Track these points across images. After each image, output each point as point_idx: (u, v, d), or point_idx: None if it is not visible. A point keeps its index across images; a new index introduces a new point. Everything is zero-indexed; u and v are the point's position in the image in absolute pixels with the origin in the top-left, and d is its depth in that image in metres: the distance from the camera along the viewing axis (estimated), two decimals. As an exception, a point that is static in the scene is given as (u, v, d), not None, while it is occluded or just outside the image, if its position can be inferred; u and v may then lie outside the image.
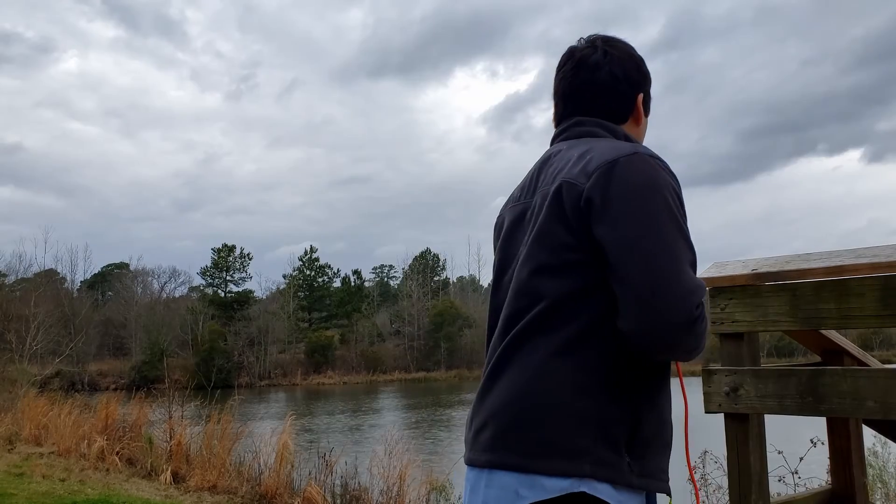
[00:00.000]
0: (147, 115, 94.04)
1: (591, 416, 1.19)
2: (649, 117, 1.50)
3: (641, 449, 1.22)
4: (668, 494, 1.30)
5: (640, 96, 1.45)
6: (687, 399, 1.37)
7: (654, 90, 1.51)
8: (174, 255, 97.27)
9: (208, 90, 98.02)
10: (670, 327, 1.15)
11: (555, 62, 1.51)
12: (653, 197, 1.22)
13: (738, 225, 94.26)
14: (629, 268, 1.18)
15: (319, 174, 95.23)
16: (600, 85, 1.41)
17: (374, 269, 77.17)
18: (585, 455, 1.17)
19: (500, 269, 1.40)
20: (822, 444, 3.18)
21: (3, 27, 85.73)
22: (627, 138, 1.40)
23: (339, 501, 7.23)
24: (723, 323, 1.92)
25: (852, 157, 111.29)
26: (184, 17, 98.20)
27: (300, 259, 64.52)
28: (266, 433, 8.90)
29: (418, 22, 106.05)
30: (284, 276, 63.79)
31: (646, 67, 1.47)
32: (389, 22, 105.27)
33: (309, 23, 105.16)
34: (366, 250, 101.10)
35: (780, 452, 4.05)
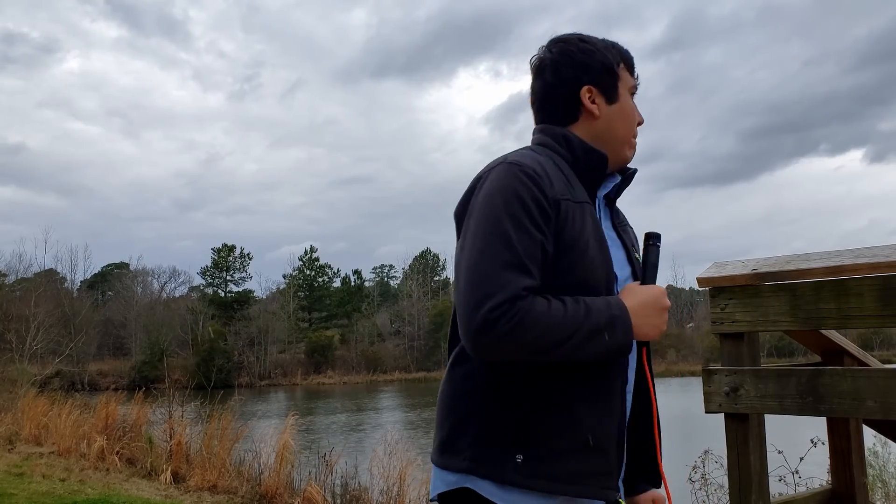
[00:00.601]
0: (149, 114, 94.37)
1: (475, 417, 1.26)
2: (620, 101, 1.39)
3: (542, 449, 1.23)
4: (598, 498, 1.27)
5: (584, 90, 1.38)
6: (655, 401, 1.38)
7: (657, 91, 1.54)
8: (175, 255, 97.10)
9: (211, 90, 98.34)
10: (468, 330, 1.18)
11: None
12: (485, 206, 1.24)
13: (739, 225, 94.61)
14: (455, 277, 1.26)
15: (321, 174, 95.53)
16: (540, 93, 1.43)
17: (375, 268, 77.19)
18: (465, 452, 1.26)
19: None
20: (823, 444, 3.18)
21: (7, 27, 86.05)
22: (566, 138, 1.36)
23: (339, 501, 7.23)
24: (723, 323, 1.93)
25: (854, 157, 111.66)
26: (187, 17, 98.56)
27: (300, 259, 64.61)
28: (266, 433, 8.90)
29: (422, 22, 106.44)
30: (284, 276, 63.91)
31: (588, 57, 1.39)
32: (393, 22, 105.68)
33: (313, 23, 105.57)
34: (367, 250, 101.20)
35: (780, 452, 4.05)
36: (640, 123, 1.43)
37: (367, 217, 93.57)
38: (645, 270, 1.34)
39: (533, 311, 1.17)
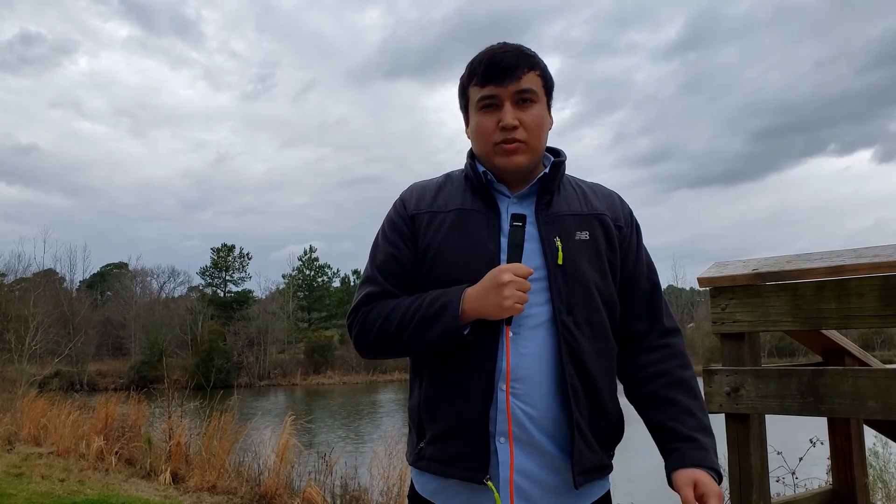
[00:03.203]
0: (157, 114, 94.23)
1: (410, 413, 1.49)
2: (470, 122, 1.48)
3: (426, 436, 1.42)
4: (463, 479, 1.34)
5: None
6: (508, 384, 1.32)
7: (669, 91, 1.52)
8: (180, 255, 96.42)
9: (224, 90, 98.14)
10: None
11: (571, 62, 1.56)
12: None
13: (744, 224, 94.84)
14: None
15: (331, 174, 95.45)
16: None
17: (374, 269, 77.01)
18: (409, 445, 1.51)
19: None
20: (822, 444, 3.17)
21: (26, 29, 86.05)
22: (471, 155, 1.51)
23: (338, 502, 7.23)
24: (724, 323, 1.92)
25: (863, 158, 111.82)
26: (200, 17, 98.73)
27: (300, 259, 64.59)
28: (265, 433, 8.89)
29: (438, 23, 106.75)
30: (284, 276, 63.88)
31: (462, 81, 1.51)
32: (410, 23, 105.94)
33: (327, 24, 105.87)
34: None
35: (779, 453, 4.04)
36: (504, 127, 1.40)
37: (373, 217, 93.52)
38: (508, 251, 1.37)
39: (371, 314, 1.43)
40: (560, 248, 1.38)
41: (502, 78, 1.39)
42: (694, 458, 1.32)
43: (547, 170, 1.44)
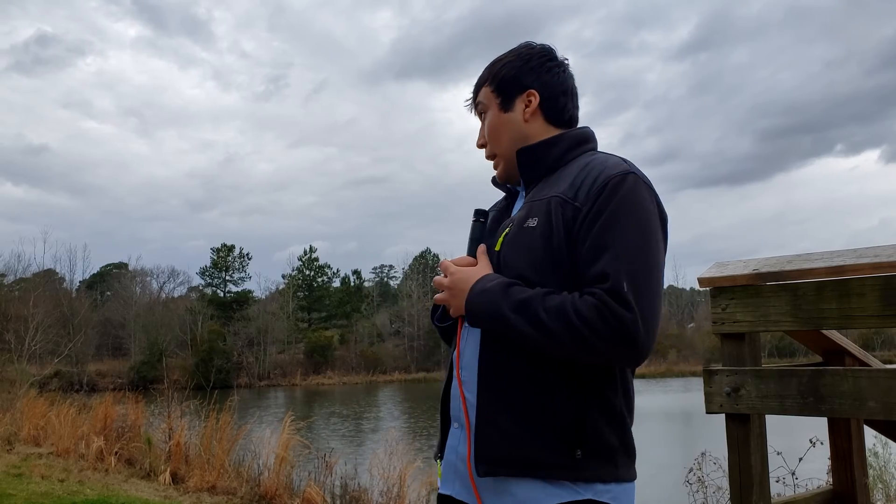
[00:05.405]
0: (167, 114, 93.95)
1: None
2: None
3: None
4: (436, 459, 1.47)
5: None
6: (460, 380, 1.41)
7: (679, 92, 1.52)
8: (185, 255, 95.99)
9: (234, 90, 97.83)
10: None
11: (583, 62, 1.57)
12: None
13: (748, 224, 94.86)
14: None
15: (337, 174, 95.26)
16: None
17: (374, 269, 76.92)
18: None
19: None
20: (822, 444, 3.17)
21: (43, 30, 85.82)
22: None
23: (338, 502, 7.22)
24: (724, 323, 1.92)
25: (870, 158, 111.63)
26: (211, 17, 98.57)
27: (299, 259, 64.56)
28: (265, 434, 8.89)
29: (452, 23, 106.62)
30: (284, 277, 63.85)
31: None
32: (423, 23, 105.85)
33: (340, 24, 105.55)
34: (377, 249, 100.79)
35: (779, 453, 4.04)
36: (478, 146, 1.53)
37: (378, 217, 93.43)
38: (468, 246, 1.48)
39: None
40: (503, 235, 1.40)
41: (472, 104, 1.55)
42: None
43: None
